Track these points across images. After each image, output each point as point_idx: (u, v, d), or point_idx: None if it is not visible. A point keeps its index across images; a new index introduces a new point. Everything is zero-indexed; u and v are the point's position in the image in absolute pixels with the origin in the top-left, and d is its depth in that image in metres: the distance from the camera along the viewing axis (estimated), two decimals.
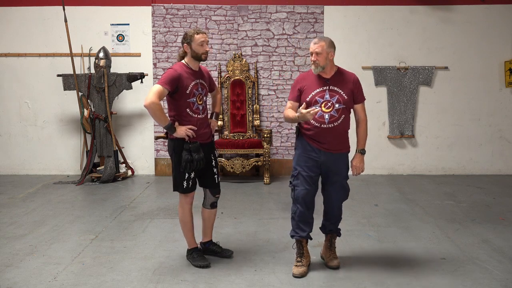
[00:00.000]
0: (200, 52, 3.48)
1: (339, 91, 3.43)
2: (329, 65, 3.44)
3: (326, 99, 3.41)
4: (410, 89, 7.01)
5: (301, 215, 3.49)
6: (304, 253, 3.54)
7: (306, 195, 3.45)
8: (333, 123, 3.40)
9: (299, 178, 3.47)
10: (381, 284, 3.28)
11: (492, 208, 5.20)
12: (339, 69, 3.53)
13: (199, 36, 3.47)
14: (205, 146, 3.57)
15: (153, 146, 7.17)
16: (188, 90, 3.45)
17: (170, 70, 3.46)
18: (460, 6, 6.98)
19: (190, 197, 3.59)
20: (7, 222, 4.73)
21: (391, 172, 7.15)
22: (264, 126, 7.11)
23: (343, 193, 3.58)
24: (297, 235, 3.53)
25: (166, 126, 3.40)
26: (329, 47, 3.40)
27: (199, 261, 3.52)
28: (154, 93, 3.33)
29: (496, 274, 3.43)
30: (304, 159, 3.47)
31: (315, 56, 3.39)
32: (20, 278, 3.39)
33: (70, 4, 6.85)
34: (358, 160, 3.53)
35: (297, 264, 3.49)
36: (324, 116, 3.39)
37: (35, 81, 7.12)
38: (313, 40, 3.48)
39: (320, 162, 3.45)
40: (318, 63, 3.39)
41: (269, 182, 6.51)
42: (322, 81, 3.46)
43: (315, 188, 3.51)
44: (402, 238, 4.22)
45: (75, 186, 6.36)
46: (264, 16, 7.05)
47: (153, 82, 7.06)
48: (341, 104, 3.41)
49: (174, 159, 3.52)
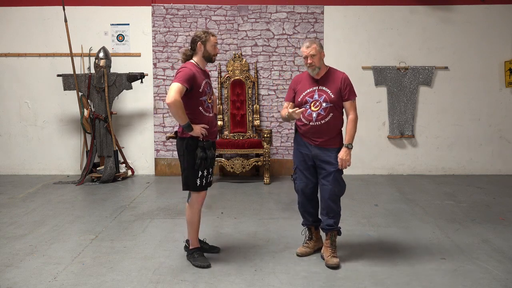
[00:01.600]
0: (212, 53, 3.60)
1: (327, 90, 3.61)
2: (322, 65, 3.64)
3: (315, 98, 3.61)
4: (410, 89, 7.02)
5: (303, 206, 3.81)
6: (313, 238, 3.86)
7: (305, 187, 3.73)
8: (320, 121, 3.58)
9: (297, 172, 3.76)
10: (381, 284, 3.28)
11: (492, 208, 5.20)
12: (329, 69, 3.71)
13: (214, 38, 3.60)
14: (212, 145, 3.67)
15: (153, 146, 7.17)
16: (201, 89, 3.52)
17: (185, 69, 3.49)
18: (460, 6, 6.98)
19: (202, 197, 3.61)
20: (7, 222, 4.73)
21: (391, 172, 7.15)
22: (264, 126, 7.11)
23: (337, 186, 3.63)
24: (303, 222, 3.89)
25: (185, 125, 3.44)
26: (320, 48, 3.61)
27: (200, 261, 3.52)
28: (175, 90, 3.36)
29: (496, 274, 3.43)
30: (298, 154, 3.74)
31: (311, 58, 3.58)
32: (20, 278, 3.39)
33: (70, 4, 6.85)
34: (343, 153, 3.60)
35: (304, 245, 3.84)
36: (312, 115, 3.59)
37: (35, 81, 7.12)
38: (303, 44, 3.64)
39: (311, 155, 3.66)
40: (314, 65, 3.59)
41: (269, 182, 6.51)
42: (313, 82, 3.67)
43: (314, 181, 3.73)
44: (402, 238, 4.22)
45: (75, 186, 6.36)
46: (264, 16, 7.05)
47: (153, 82, 7.07)
48: (328, 103, 3.58)
49: (186, 158, 3.54)
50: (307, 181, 3.71)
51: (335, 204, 3.65)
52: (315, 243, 3.84)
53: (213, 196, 5.74)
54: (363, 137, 6.96)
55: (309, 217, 3.82)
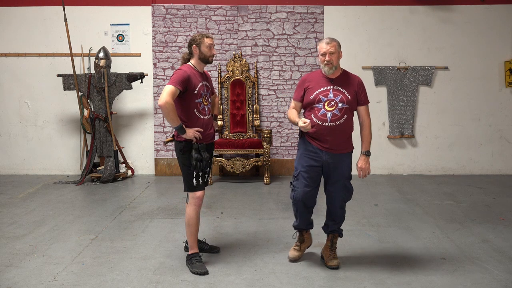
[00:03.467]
0: (208, 54, 3.59)
1: (343, 91, 3.46)
2: (338, 65, 3.51)
3: (330, 98, 3.43)
4: (410, 89, 7.02)
5: (301, 215, 3.63)
6: (305, 239, 3.74)
7: (305, 196, 3.52)
8: (335, 122, 3.42)
9: (299, 178, 3.52)
10: (381, 284, 3.27)
11: (492, 208, 5.19)
12: (344, 71, 3.57)
13: (208, 39, 3.59)
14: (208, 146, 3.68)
15: (153, 146, 7.17)
16: (196, 91, 3.52)
17: (179, 71, 3.51)
18: (460, 6, 6.98)
19: (198, 197, 3.59)
20: (7, 222, 4.73)
21: (391, 172, 7.15)
22: (264, 126, 7.10)
23: (346, 194, 3.59)
24: (298, 227, 3.73)
25: (177, 127, 3.45)
26: (339, 47, 3.47)
27: (197, 268, 3.49)
28: (167, 93, 3.38)
29: (496, 274, 3.43)
30: (305, 159, 3.51)
31: (329, 56, 3.41)
32: (20, 278, 3.39)
33: (70, 4, 6.85)
34: (363, 162, 3.55)
35: (295, 248, 3.71)
36: (327, 115, 3.41)
37: (35, 81, 7.12)
38: (323, 40, 3.49)
39: (321, 162, 3.48)
40: (332, 63, 3.42)
41: (269, 182, 6.51)
42: (327, 81, 3.49)
43: (315, 188, 3.55)
44: (402, 238, 4.22)
45: (75, 186, 6.36)
46: (264, 16, 7.05)
47: (153, 82, 7.07)
48: (344, 104, 3.43)
49: (181, 160, 3.57)
50: (309, 190, 3.51)
51: (342, 210, 3.64)
52: (305, 245, 3.74)
53: (213, 196, 5.74)
54: None
55: (306, 222, 3.68)
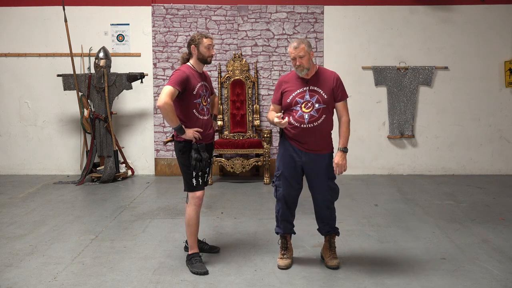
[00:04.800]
0: (206, 55, 3.59)
1: (319, 90, 3.43)
2: (311, 65, 3.45)
3: (306, 99, 3.42)
4: (410, 89, 7.02)
5: (283, 214, 3.60)
6: (288, 247, 3.65)
7: (288, 195, 3.53)
8: (312, 123, 3.40)
9: (281, 178, 3.53)
10: (381, 284, 3.27)
11: (492, 208, 5.19)
12: (319, 68, 3.54)
13: (207, 40, 3.59)
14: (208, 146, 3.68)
15: (153, 146, 7.17)
16: (194, 91, 3.53)
17: (178, 72, 3.52)
18: (460, 6, 6.98)
19: (198, 197, 3.59)
20: (7, 222, 4.73)
21: (391, 172, 7.15)
22: (264, 126, 7.10)
23: (332, 194, 3.55)
24: (281, 231, 3.65)
25: (176, 127, 3.46)
26: (309, 48, 3.40)
27: (197, 268, 3.49)
28: (166, 93, 3.39)
29: (496, 274, 3.43)
30: (286, 160, 3.51)
31: (299, 60, 3.37)
32: (20, 278, 3.39)
33: (70, 4, 6.85)
34: (339, 158, 3.46)
35: (282, 257, 3.60)
36: (304, 116, 3.40)
37: (35, 81, 7.12)
38: (291, 44, 3.42)
39: (301, 162, 3.47)
40: (303, 66, 3.39)
41: (269, 182, 6.50)
42: (302, 82, 3.46)
43: (298, 188, 3.56)
44: (402, 238, 4.22)
45: (75, 186, 6.36)
46: (264, 16, 7.05)
47: (153, 82, 7.07)
48: (321, 104, 3.41)
49: (181, 160, 3.58)
50: (291, 189, 3.51)
51: (330, 211, 3.60)
52: (290, 253, 3.64)
53: (213, 196, 5.74)
54: (363, 137, 6.97)
55: (288, 224, 3.62)
